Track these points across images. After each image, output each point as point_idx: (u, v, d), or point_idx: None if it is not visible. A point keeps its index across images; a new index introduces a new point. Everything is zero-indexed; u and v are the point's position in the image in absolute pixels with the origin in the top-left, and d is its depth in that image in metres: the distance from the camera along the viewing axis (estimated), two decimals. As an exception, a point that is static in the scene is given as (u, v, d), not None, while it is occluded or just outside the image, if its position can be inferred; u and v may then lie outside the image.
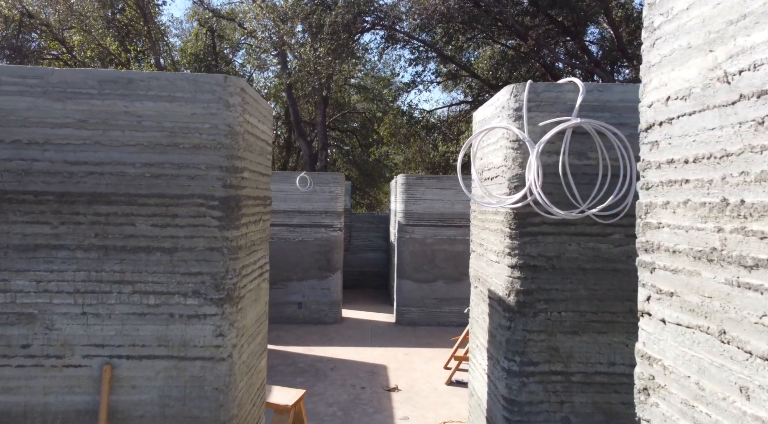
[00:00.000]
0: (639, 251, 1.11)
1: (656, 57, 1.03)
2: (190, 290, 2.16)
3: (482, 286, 2.63)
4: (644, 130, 1.08)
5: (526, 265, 2.20)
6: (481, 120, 2.71)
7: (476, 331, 2.78)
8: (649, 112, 1.06)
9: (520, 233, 2.20)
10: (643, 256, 1.09)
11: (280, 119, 24.77)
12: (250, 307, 2.48)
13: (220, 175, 2.18)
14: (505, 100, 2.29)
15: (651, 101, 1.05)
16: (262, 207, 2.71)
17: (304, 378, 6.84)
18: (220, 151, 2.18)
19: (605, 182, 2.17)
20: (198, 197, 2.17)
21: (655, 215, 1.03)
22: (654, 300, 1.03)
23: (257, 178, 2.57)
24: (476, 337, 2.77)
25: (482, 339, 2.63)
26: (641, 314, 1.08)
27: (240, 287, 2.27)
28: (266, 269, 2.85)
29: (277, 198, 9.44)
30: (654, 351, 1.03)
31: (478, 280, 2.72)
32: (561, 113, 2.20)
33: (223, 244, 2.18)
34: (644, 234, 1.07)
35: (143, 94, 2.15)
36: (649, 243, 1.04)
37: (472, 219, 2.90)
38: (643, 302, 1.07)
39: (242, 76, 20.94)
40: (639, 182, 1.11)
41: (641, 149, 1.11)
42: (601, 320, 2.19)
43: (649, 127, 1.06)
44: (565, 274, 2.20)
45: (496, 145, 2.39)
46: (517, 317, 2.20)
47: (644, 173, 1.08)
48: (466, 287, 9.50)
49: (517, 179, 2.21)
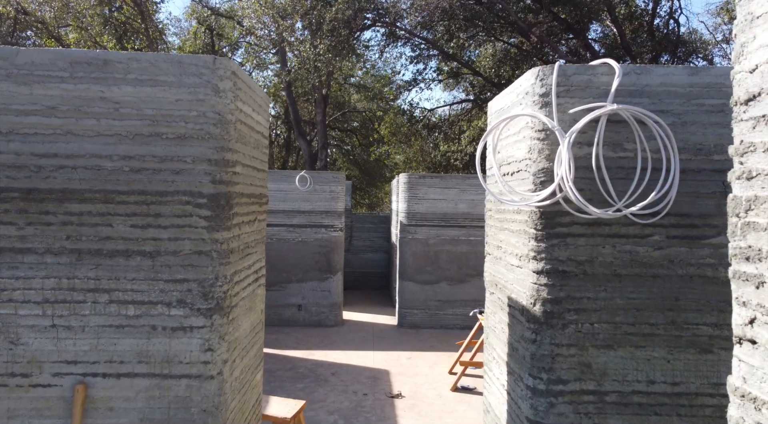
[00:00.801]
0: (735, 259, 0.86)
1: (762, 5, 0.79)
2: (175, 299, 1.91)
3: (500, 293, 2.38)
4: (743, 103, 0.84)
5: (553, 270, 1.95)
6: (498, 110, 2.46)
7: (493, 342, 2.53)
8: (750, 80, 0.82)
9: (548, 234, 1.95)
10: (742, 266, 0.84)
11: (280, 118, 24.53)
12: (243, 316, 2.23)
13: (208, 169, 1.93)
14: (529, 86, 2.03)
15: (754, 65, 0.81)
16: (257, 206, 2.46)
17: (304, 384, 6.59)
18: (209, 143, 1.93)
19: (644, 177, 1.91)
20: (183, 194, 1.92)
21: (761, 213, 0.79)
22: (761, 324, 0.79)
23: (251, 173, 2.32)
24: (493, 348, 2.52)
25: (500, 352, 2.37)
26: (739, 340, 0.84)
27: (231, 295, 2.02)
28: (262, 274, 2.59)
29: (276, 198, 9.19)
30: (762, 391, 0.78)
31: (495, 286, 2.47)
32: (593, 99, 1.95)
33: (212, 247, 1.93)
34: (744, 237, 0.83)
35: (121, 77, 1.90)
36: (752, 249, 0.80)
37: (487, 219, 2.65)
38: (743, 326, 0.82)
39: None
40: (735, 171, 0.86)
41: (737, 128, 0.86)
42: (639, 332, 1.94)
43: (752, 98, 0.81)
44: (598, 280, 1.95)
45: (518, 136, 2.14)
46: (544, 329, 1.95)
47: (743, 159, 0.84)
48: (471, 289, 9.28)
49: (544, 174, 1.96)
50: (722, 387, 1.92)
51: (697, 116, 1.94)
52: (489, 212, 2.61)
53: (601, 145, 1.91)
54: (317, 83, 15.07)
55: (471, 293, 9.23)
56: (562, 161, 1.84)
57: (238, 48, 22.53)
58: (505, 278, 2.31)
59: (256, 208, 2.44)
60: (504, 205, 2.32)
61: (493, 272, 2.53)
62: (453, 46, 16.91)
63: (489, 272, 2.60)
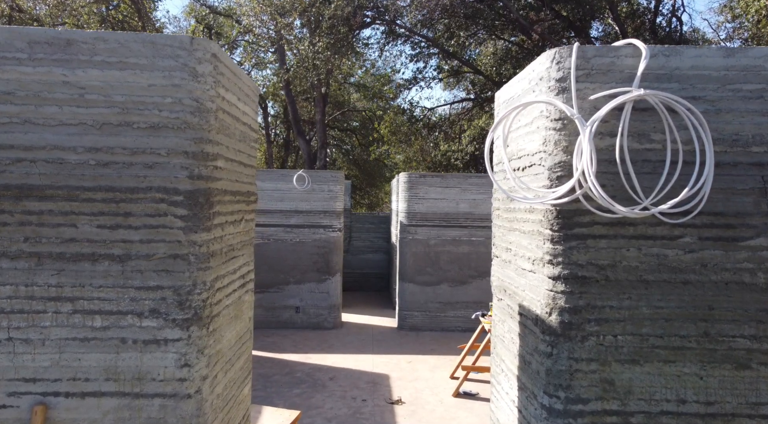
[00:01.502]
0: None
1: None
2: (147, 308, 1.70)
3: (509, 299, 2.17)
4: None
5: (572, 276, 1.73)
6: (508, 99, 2.25)
7: (501, 353, 2.32)
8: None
9: (565, 235, 1.74)
10: None
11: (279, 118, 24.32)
12: (227, 326, 2.02)
13: (185, 162, 1.72)
14: (543, 70, 1.82)
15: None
16: (244, 204, 2.25)
17: (301, 389, 6.39)
18: (186, 133, 1.72)
19: (674, 171, 1.70)
20: (157, 191, 1.71)
21: None
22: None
23: (237, 168, 2.11)
24: (501, 360, 2.31)
25: (510, 364, 2.16)
26: None
27: (212, 304, 1.81)
28: (250, 279, 2.38)
29: (273, 197, 8.99)
30: None
31: (504, 292, 2.26)
32: (616, 84, 1.74)
33: (190, 250, 1.71)
34: None
35: (86, 59, 1.69)
36: None
37: (494, 218, 2.44)
38: None
39: (240, 74, 20.47)
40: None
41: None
42: (668, 345, 1.73)
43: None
44: (621, 287, 1.74)
45: (530, 127, 1.93)
46: (561, 341, 1.74)
47: None
48: (472, 291, 9.07)
49: (561, 168, 1.75)
50: (762, 407, 1.72)
51: (733, 103, 1.73)
52: (497, 211, 2.40)
53: (626, 135, 1.70)
54: (316, 82, 14.86)
55: (472, 295, 9.03)
56: (583, 154, 1.63)
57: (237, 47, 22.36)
58: (516, 283, 2.10)
59: (243, 207, 2.23)
60: (514, 203, 2.12)
61: (501, 277, 2.32)
62: (453, 45, 16.72)
63: (497, 277, 2.39)
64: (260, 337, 8.50)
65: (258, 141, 2.36)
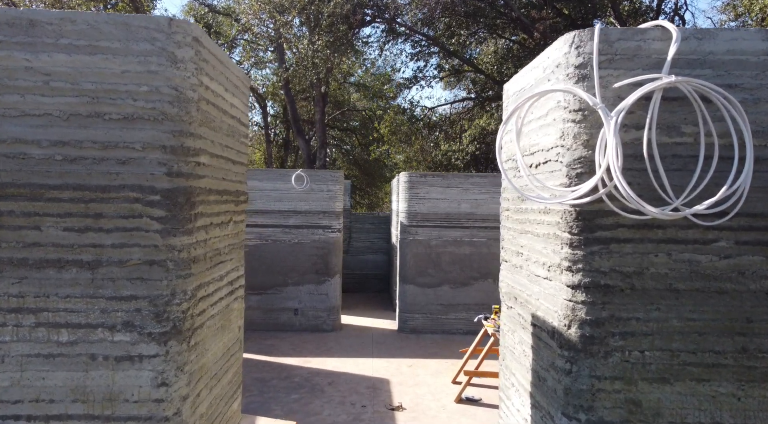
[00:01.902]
0: None
1: None
2: (120, 321, 1.52)
3: (521, 308, 1.99)
4: None
5: (594, 284, 1.56)
6: (519, 91, 2.07)
7: (511, 365, 2.14)
8: None
9: (586, 239, 1.56)
10: None
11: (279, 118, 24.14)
12: (213, 338, 1.84)
13: (163, 158, 1.54)
14: (561, 56, 1.65)
15: None
16: (232, 205, 2.07)
17: (299, 394, 6.21)
18: (164, 125, 1.54)
19: (708, 168, 1.53)
20: (131, 190, 1.53)
21: None
22: None
23: (224, 165, 1.93)
24: (512, 373, 2.13)
25: (521, 379, 1.98)
26: None
27: (194, 315, 1.64)
28: (239, 285, 2.21)
29: (271, 197, 8.82)
30: None
31: (514, 299, 2.08)
32: (643, 70, 1.56)
33: (168, 255, 1.54)
34: None
35: (52, 43, 1.51)
36: None
37: (503, 220, 2.26)
38: None
39: (239, 73, 20.32)
40: None
41: None
42: (702, 362, 1.55)
43: None
44: (649, 297, 1.56)
45: (545, 120, 1.75)
46: (582, 357, 1.56)
47: None
48: (474, 293, 8.88)
49: (581, 164, 1.57)
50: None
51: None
52: (506, 212, 2.22)
53: (654, 128, 1.52)
54: (315, 80, 14.68)
55: (474, 297, 8.85)
56: (608, 148, 1.45)
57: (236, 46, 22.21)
58: (528, 291, 1.92)
59: (231, 208, 2.06)
60: (526, 203, 1.94)
61: (511, 283, 2.15)
62: (454, 44, 16.55)
63: (506, 283, 2.21)
64: (258, 340, 8.33)
65: (248, 136, 2.18)
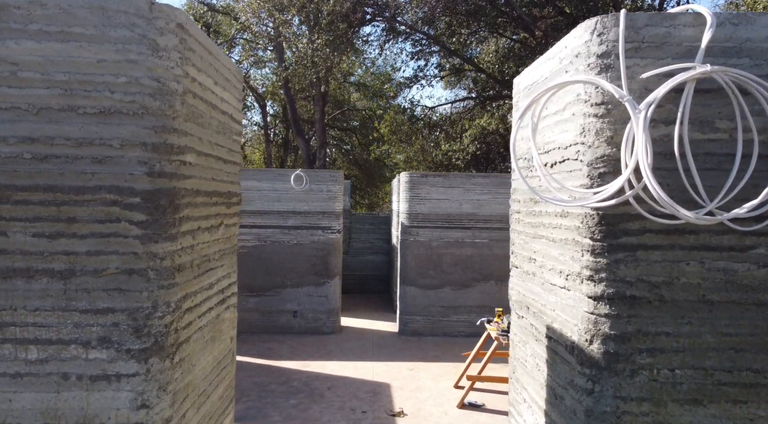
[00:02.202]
0: None
1: None
2: (95, 336, 1.38)
3: (534, 319, 1.84)
4: None
5: (618, 295, 1.41)
6: (530, 85, 1.92)
7: (522, 379, 1.99)
8: None
9: (610, 246, 1.41)
10: None
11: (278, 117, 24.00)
12: (201, 353, 1.70)
13: (143, 156, 1.40)
14: (581, 44, 1.50)
15: None
16: (223, 207, 1.92)
17: (297, 400, 6.06)
18: (144, 120, 1.40)
19: (746, 167, 1.38)
20: (108, 191, 1.39)
21: None
22: None
23: (213, 165, 1.79)
24: (523, 388, 1.98)
25: (535, 395, 1.84)
26: None
27: (179, 328, 1.49)
28: (231, 293, 2.06)
29: (270, 198, 8.68)
30: None
31: (526, 309, 1.93)
32: (673, 59, 1.41)
33: (149, 263, 1.39)
34: None
35: (20, 29, 1.37)
36: None
37: (513, 223, 2.11)
38: None
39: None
40: None
41: None
42: (738, 381, 1.40)
43: None
44: (680, 310, 1.41)
45: (562, 115, 1.60)
46: (605, 376, 1.41)
47: None
48: (476, 294, 8.72)
49: (604, 163, 1.43)
50: None
51: (818, 83, 1.40)
52: (516, 215, 2.08)
53: (686, 123, 1.37)
54: (315, 79, 14.54)
55: (476, 299, 8.71)
56: (637, 145, 1.30)
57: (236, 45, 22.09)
58: (543, 300, 1.77)
59: (222, 211, 1.91)
60: (540, 205, 1.79)
61: (522, 291, 2.00)
62: (455, 43, 16.40)
63: (517, 291, 2.07)
64: (256, 342, 8.19)
65: (241, 134, 2.04)
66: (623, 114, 1.40)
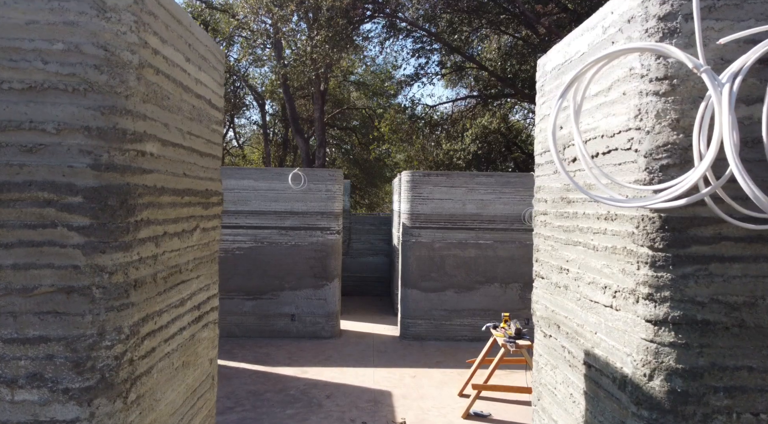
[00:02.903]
0: None
1: None
2: (24, 373, 1.08)
3: (568, 341, 1.55)
4: None
5: (687, 320, 1.12)
6: (560, 64, 1.63)
7: (550, 409, 1.70)
8: None
9: (676, 257, 1.12)
10: None
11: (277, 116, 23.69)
12: (168, 384, 1.40)
13: (86, 144, 1.10)
14: (636, 6, 1.20)
15: None
16: (199, 208, 1.63)
17: (294, 409, 5.77)
18: (87, 99, 1.10)
19: None
20: (41, 188, 1.09)
21: None
22: None
23: (186, 158, 1.49)
24: (552, 420, 1.69)
25: (569, 430, 1.54)
26: None
27: (135, 359, 1.20)
28: (210, 308, 1.76)
29: (267, 198, 8.39)
30: None
31: (556, 328, 1.63)
32: (756, 21, 1.12)
33: (94, 280, 1.10)
34: None
35: (-73, -19, 1.08)
36: None
37: (537, 225, 1.82)
38: None
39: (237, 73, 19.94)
40: None
41: None
42: (840, 429, 1.11)
43: None
44: (766, 338, 1.12)
45: (608, 95, 1.31)
46: (671, 421, 1.12)
47: None
48: (480, 297, 8.41)
49: (668, 153, 1.13)
50: None
51: None
52: (542, 217, 1.78)
53: (775, 101, 1.08)
54: (314, 76, 14.24)
55: (480, 302, 8.42)
56: (719, 128, 1.01)
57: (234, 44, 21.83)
58: (579, 319, 1.48)
59: (198, 212, 1.61)
60: (573, 205, 1.49)
61: (550, 306, 1.70)
62: (456, 40, 16.12)
63: (542, 305, 1.77)
64: (253, 347, 7.90)
65: (222, 123, 1.74)
66: (693, 90, 1.11)
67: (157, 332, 1.32)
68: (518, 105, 19.55)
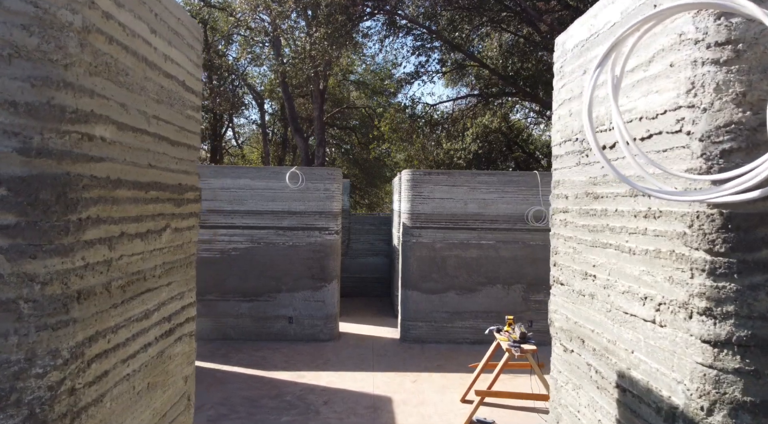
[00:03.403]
0: None
1: None
2: (-69, 408, 0.87)
3: (594, 358, 1.33)
4: None
5: (756, 340, 0.90)
6: (585, 40, 1.41)
7: (574, 435, 1.47)
8: None
9: (742, 263, 0.90)
10: None
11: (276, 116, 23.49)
12: (127, 413, 1.18)
13: (12, 124, 0.89)
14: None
15: None
16: (170, 205, 1.41)
17: (290, 417, 5.56)
18: (13, 67, 0.89)
19: None
20: (-46, 178, 0.88)
21: None
22: None
23: (151, 146, 1.28)
24: (576, 448, 1.46)
25: (597, 463, 1.32)
26: None
27: (78, 388, 0.98)
28: (185, 319, 1.55)
29: (264, 197, 8.17)
30: None
31: (580, 343, 1.42)
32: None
33: (21, 292, 0.88)
34: None
35: None
36: None
37: (556, 225, 1.60)
38: None
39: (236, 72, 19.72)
40: None
41: None
42: None
43: None
44: None
45: (649, 69, 1.09)
46: (736, 466, 0.90)
47: None
48: (482, 299, 8.17)
49: (731, 135, 0.92)
50: None
51: None
52: (561, 215, 1.56)
53: None
54: (312, 74, 14.03)
55: (482, 304, 8.20)
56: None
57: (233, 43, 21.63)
58: (610, 334, 1.26)
59: (168, 210, 1.40)
60: (600, 201, 1.28)
61: (571, 317, 1.48)
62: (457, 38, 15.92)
63: (562, 315, 1.55)
64: (249, 351, 7.69)
65: (199, 109, 1.52)
66: (764, 57, 0.89)
67: (111, 352, 1.10)
68: (519, 104, 19.36)
